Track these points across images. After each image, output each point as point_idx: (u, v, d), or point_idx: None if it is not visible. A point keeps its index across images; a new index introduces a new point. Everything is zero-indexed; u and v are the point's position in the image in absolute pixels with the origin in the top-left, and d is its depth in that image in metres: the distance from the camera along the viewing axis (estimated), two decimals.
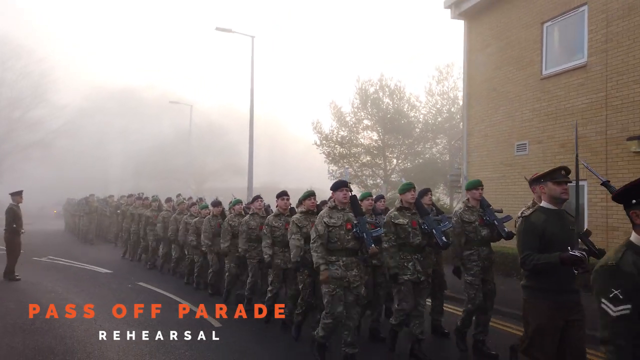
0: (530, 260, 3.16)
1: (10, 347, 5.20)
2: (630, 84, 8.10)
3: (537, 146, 10.08)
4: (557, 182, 3.29)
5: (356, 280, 4.62)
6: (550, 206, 3.34)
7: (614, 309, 1.98)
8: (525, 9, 10.49)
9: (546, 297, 3.21)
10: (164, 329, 5.57)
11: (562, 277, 3.19)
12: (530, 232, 3.26)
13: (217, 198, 8.54)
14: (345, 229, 4.62)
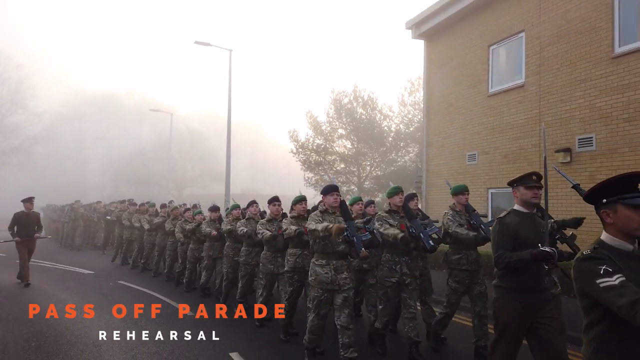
0: (504, 259, 3.31)
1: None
2: (558, 103, 9.23)
3: (484, 156, 11.17)
4: (528, 187, 3.46)
5: (346, 283, 4.62)
6: (522, 209, 3.50)
7: (613, 277, 1.94)
8: (475, 32, 11.62)
9: (516, 296, 3.35)
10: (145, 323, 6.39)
11: (533, 276, 3.33)
12: (505, 232, 3.40)
13: (214, 204, 8.69)
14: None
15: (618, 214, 2.09)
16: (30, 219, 9.48)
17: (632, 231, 2.07)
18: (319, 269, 4.60)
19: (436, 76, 13.16)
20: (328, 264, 4.60)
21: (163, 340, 5.62)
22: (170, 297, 8.12)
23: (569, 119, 8.99)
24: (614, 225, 2.10)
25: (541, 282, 3.36)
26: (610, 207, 2.11)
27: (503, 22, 10.75)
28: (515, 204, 3.56)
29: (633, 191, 2.09)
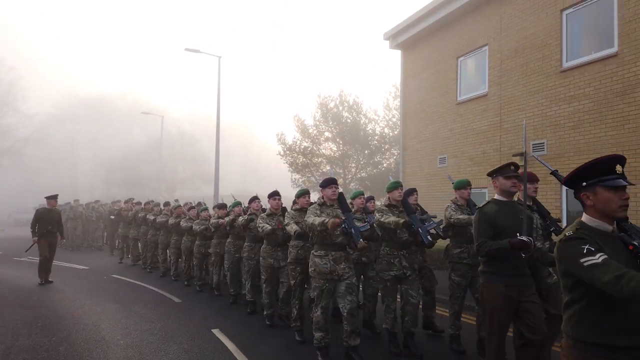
0: (485, 247, 3.47)
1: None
2: (515, 112, 10.14)
3: (454, 159, 12.07)
4: (507, 176, 3.63)
5: (346, 272, 4.67)
6: (502, 198, 3.68)
7: (596, 256, 1.99)
8: (446, 44, 12.52)
9: (501, 280, 3.50)
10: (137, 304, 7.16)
11: (514, 262, 3.47)
12: (484, 221, 3.56)
13: (222, 200, 8.78)
14: None
15: (597, 196, 2.14)
16: (52, 216, 9.53)
17: (612, 212, 2.12)
18: (317, 260, 4.68)
19: (411, 84, 14.05)
20: (327, 255, 4.67)
21: (154, 319, 6.42)
22: (161, 289, 8.89)
23: (531, 125, 9.88)
24: (594, 207, 2.15)
25: (523, 267, 3.53)
26: (590, 190, 2.16)
27: (469, 35, 11.66)
28: (495, 194, 3.74)
29: (611, 173, 2.14)
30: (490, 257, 3.53)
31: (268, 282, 6.20)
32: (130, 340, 5.45)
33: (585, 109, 8.60)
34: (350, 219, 4.66)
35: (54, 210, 9.67)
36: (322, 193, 4.96)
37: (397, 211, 5.06)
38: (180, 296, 8.13)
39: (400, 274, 4.91)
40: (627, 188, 2.18)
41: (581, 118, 8.68)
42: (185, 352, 4.98)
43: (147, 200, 13.17)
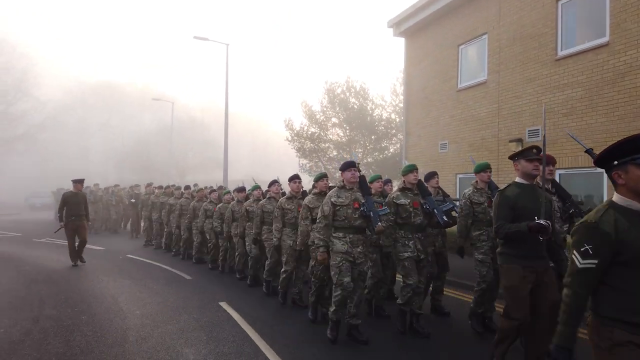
0: (503, 229, 3.53)
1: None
2: (513, 99, 10.46)
3: (454, 145, 12.43)
4: (529, 159, 3.63)
5: (360, 257, 4.76)
6: (523, 181, 3.70)
7: (582, 261, 2.11)
8: (447, 33, 12.79)
9: (518, 262, 3.56)
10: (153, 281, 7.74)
11: (532, 244, 3.53)
12: (504, 204, 3.60)
13: (242, 184, 8.83)
14: (352, 207, 4.75)
15: (629, 174, 2.11)
16: (79, 199, 9.64)
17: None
18: (336, 241, 4.77)
19: (414, 71, 14.35)
20: (345, 237, 4.75)
21: (166, 294, 6.99)
22: (173, 267, 9.46)
23: (521, 113, 10.23)
24: (626, 185, 2.14)
25: (540, 250, 3.58)
26: (622, 168, 2.14)
27: (470, 24, 11.92)
28: (517, 177, 3.75)
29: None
30: (508, 239, 3.59)
31: (288, 263, 6.27)
32: (145, 310, 6.01)
33: (577, 97, 8.91)
34: (370, 202, 4.73)
35: (80, 194, 9.77)
36: (342, 176, 4.94)
37: (412, 194, 5.13)
38: (191, 274, 8.69)
39: (415, 256, 4.99)
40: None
41: (574, 105, 9.00)
42: (194, 321, 5.52)
43: (168, 184, 13.38)
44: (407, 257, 4.97)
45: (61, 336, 4.93)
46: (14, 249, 12.18)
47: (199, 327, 5.27)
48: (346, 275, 4.64)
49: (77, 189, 9.73)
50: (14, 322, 5.47)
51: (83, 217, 9.68)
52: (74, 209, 9.54)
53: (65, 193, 9.80)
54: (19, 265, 9.56)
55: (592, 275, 2.10)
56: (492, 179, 5.48)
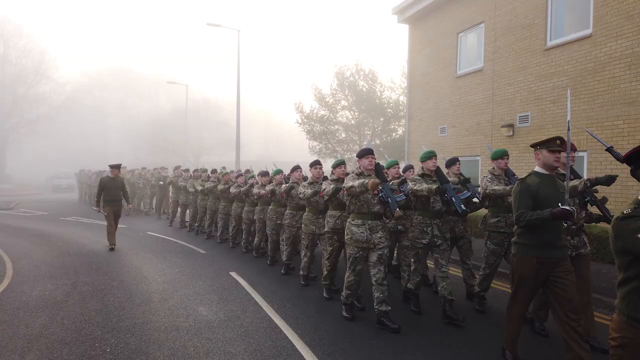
0: (525, 217, 3.43)
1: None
2: (505, 86, 11.05)
3: (452, 130, 13.07)
4: (551, 150, 3.55)
5: (381, 242, 4.79)
6: (543, 171, 3.62)
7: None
8: (447, 20, 13.30)
9: (534, 252, 3.51)
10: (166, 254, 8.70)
11: (550, 234, 3.48)
12: (526, 192, 3.52)
13: (265, 168, 8.96)
14: (371, 193, 4.79)
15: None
16: (116, 184, 9.77)
17: None
18: (355, 229, 4.81)
19: (417, 57, 14.90)
20: (364, 224, 4.79)
21: (183, 265, 7.91)
22: (189, 243, 10.42)
23: (513, 99, 10.83)
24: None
25: (558, 239, 3.54)
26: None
27: (469, 13, 12.42)
28: (537, 166, 3.68)
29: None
30: (529, 227, 3.50)
31: (308, 247, 6.47)
32: (165, 278, 6.96)
33: (563, 85, 9.49)
34: (387, 188, 4.79)
35: (117, 179, 9.87)
36: (359, 163, 4.99)
37: (431, 180, 5.15)
38: (206, 249, 9.64)
39: (432, 242, 5.06)
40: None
41: (559, 93, 9.59)
42: (208, 287, 6.43)
43: (195, 168, 13.65)
44: (422, 246, 5.12)
45: (97, 297, 5.88)
46: (43, 227, 13.27)
47: (211, 291, 6.19)
48: (359, 264, 4.87)
49: (115, 174, 9.85)
50: (55, 286, 6.44)
51: (121, 202, 9.84)
52: (112, 194, 9.68)
53: (102, 178, 9.92)
54: (50, 241, 10.61)
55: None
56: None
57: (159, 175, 16.51)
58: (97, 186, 18.71)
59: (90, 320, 4.96)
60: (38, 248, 9.65)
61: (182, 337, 4.48)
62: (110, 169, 9.96)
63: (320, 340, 4.40)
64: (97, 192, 9.84)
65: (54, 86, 45.44)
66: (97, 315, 5.17)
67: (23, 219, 15.39)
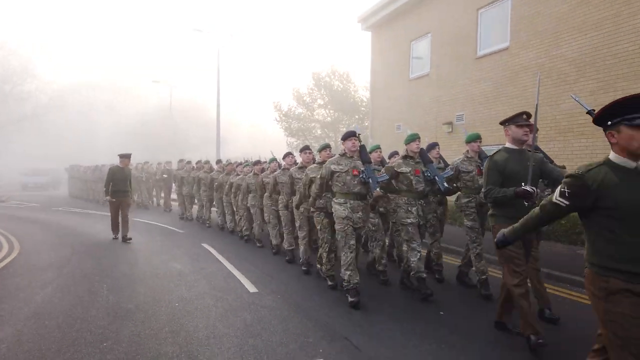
0: (492, 193, 3.66)
1: None
2: (449, 89, 12.72)
3: (405, 126, 14.72)
4: (519, 125, 3.72)
5: (359, 222, 5.03)
6: (513, 146, 3.80)
7: (557, 197, 2.34)
8: (402, 29, 14.95)
9: (508, 222, 3.52)
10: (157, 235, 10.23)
11: (521, 206, 3.61)
12: (494, 169, 3.71)
13: (259, 158, 9.09)
14: (351, 174, 4.97)
15: (621, 134, 2.19)
16: (125, 174, 9.65)
17: (634, 150, 2.18)
18: (337, 206, 5.03)
19: (377, 62, 16.56)
20: (346, 202, 4.99)
21: (165, 240, 9.43)
22: (170, 225, 11.93)
23: (454, 100, 12.51)
24: (618, 144, 2.22)
25: (528, 211, 3.70)
26: (615, 128, 2.21)
27: (419, 23, 14.07)
28: (507, 142, 3.86)
29: (636, 112, 2.16)
30: (496, 203, 3.72)
31: (302, 228, 6.64)
32: (148, 247, 8.51)
33: (489, 89, 11.19)
34: (369, 169, 4.97)
35: (127, 169, 9.74)
36: (343, 145, 5.14)
37: (413, 162, 5.32)
38: (183, 229, 11.17)
39: (416, 222, 5.21)
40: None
41: (486, 96, 11.29)
42: (183, 253, 7.99)
43: (198, 160, 13.74)
44: (410, 223, 5.19)
45: (92, 261, 7.40)
46: (38, 215, 14.64)
47: (184, 255, 7.76)
48: (351, 238, 4.99)
49: (124, 164, 9.68)
50: (57, 254, 7.93)
51: (128, 193, 9.76)
52: (120, 184, 9.55)
53: (112, 167, 9.79)
54: (48, 225, 12.06)
55: (558, 211, 2.39)
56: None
57: (164, 169, 16.63)
58: (94, 181, 19.36)
59: (90, 273, 6.49)
60: (38, 230, 11.09)
61: (159, 280, 6.05)
62: (120, 158, 9.76)
63: (264, 279, 5.98)
64: (106, 181, 9.72)
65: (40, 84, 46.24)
66: (93, 269, 6.71)
67: (18, 210, 16.72)
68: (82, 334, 4.04)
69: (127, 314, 4.61)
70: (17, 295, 5.33)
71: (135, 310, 4.74)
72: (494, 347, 3.80)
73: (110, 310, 4.74)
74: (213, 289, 5.61)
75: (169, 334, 4.05)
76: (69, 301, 5.06)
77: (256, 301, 5.05)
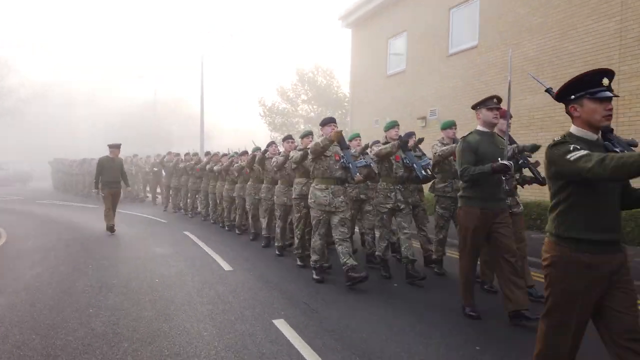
0: (468, 171, 3.70)
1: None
2: (421, 86, 13.28)
3: (383, 122, 15.21)
4: (489, 108, 3.81)
5: (342, 206, 5.14)
6: (484, 129, 3.88)
7: (580, 151, 2.11)
8: (380, 27, 15.47)
9: (477, 204, 3.79)
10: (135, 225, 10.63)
11: (491, 187, 3.75)
12: (467, 149, 3.78)
13: (244, 148, 9.17)
14: (334, 159, 5.12)
15: (584, 107, 2.27)
16: (115, 164, 9.49)
17: (596, 122, 2.26)
18: (318, 193, 5.14)
19: (357, 58, 17.07)
20: (327, 188, 5.11)
21: (149, 229, 9.82)
22: (153, 216, 12.32)
23: (427, 96, 13.07)
24: (580, 118, 2.30)
25: (499, 192, 3.84)
26: (578, 102, 2.30)
27: (396, 21, 14.60)
28: (478, 125, 3.94)
29: (598, 86, 2.25)
30: (472, 181, 3.78)
31: (282, 218, 6.85)
32: (132, 234, 8.94)
33: (459, 86, 11.77)
34: (348, 155, 5.11)
35: (117, 159, 9.60)
36: (322, 131, 5.23)
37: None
38: (166, 218, 11.60)
39: (395, 207, 5.31)
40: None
41: (456, 93, 11.87)
42: (164, 239, 8.42)
43: (186, 152, 14.00)
44: (386, 211, 5.31)
45: (78, 245, 7.80)
46: (24, 207, 14.89)
47: (165, 241, 8.21)
48: (323, 227, 5.24)
49: (114, 154, 9.52)
50: (44, 241, 8.30)
51: (119, 183, 9.62)
52: (111, 174, 9.40)
53: (101, 158, 9.57)
54: (34, 215, 12.38)
55: (588, 157, 2.06)
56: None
57: (154, 161, 16.63)
58: (82, 174, 19.27)
59: (76, 256, 6.90)
60: (25, 220, 11.42)
61: (141, 261, 6.50)
62: (110, 149, 9.56)
63: (239, 260, 6.46)
64: (96, 173, 9.57)
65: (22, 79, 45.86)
66: (79, 253, 7.12)
67: (3, 202, 16.89)
68: (70, 303, 4.48)
69: (111, 287, 5.06)
70: (7, 275, 5.73)
71: (118, 284, 5.19)
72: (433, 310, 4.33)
73: (95, 284, 5.18)
74: (191, 267, 6.08)
75: (148, 302, 4.52)
76: (56, 278, 5.48)
77: (230, 277, 5.55)
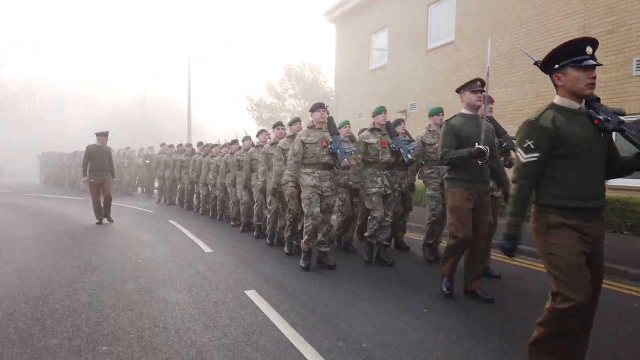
0: (448, 155, 3.83)
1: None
2: (405, 80, 13.67)
3: (367, 115, 15.61)
4: (473, 91, 3.91)
5: (328, 191, 5.19)
6: (468, 112, 3.97)
7: (525, 156, 2.31)
8: (363, 23, 15.83)
9: (463, 185, 3.89)
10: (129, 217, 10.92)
11: (475, 170, 3.85)
12: (450, 132, 3.88)
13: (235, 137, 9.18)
14: (320, 145, 5.13)
15: (567, 76, 2.30)
16: (103, 153, 9.32)
17: (579, 90, 2.30)
18: (305, 176, 5.18)
19: (341, 54, 17.43)
20: (313, 172, 5.16)
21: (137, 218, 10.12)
22: (141, 207, 12.61)
23: (409, 90, 13.46)
24: (564, 86, 2.33)
25: (482, 175, 3.95)
26: (561, 71, 2.32)
27: (378, 17, 14.97)
28: (462, 108, 4.03)
29: (582, 54, 2.26)
30: (452, 165, 3.90)
31: (272, 204, 6.76)
32: (120, 224, 9.23)
33: (439, 80, 12.18)
34: (338, 140, 5.14)
35: (105, 148, 9.43)
36: (312, 117, 5.25)
37: (380, 134, 5.49)
38: (153, 209, 11.90)
39: (382, 191, 5.36)
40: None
41: (436, 86, 12.28)
42: (150, 228, 8.74)
43: (179, 143, 14.05)
44: (374, 192, 5.35)
45: (69, 235, 8.08)
46: (12, 200, 15.08)
47: (151, 230, 8.53)
48: (316, 206, 5.09)
49: (102, 142, 9.33)
50: (34, 231, 8.56)
51: (108, 172, 9.40)
52: (98, 163, 9.20)
53: (89, 146, 9.38)
54: (23, 207, 12.61)
55: (535, 167, 2.33)
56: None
57: (146, 154, 16.58)
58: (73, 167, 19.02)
59: (64, 243, 7.20)
60: (14, 212, 11.64)
61: (128, 248, 6.82)
62: (97, 137, 9.42)
63: (220, 244, 6.80)
64: (84, 161, 9.37)
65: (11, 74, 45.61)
66: (68, 241, 7.42)
67: None
68: (58, 280, 4.81)
69: (96, 267, 5.39)
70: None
71: (104, 265, 5.53)
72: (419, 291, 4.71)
73: (82, 265, 5.51)
74: (173, 250, 6.45)
75: (131, 278, 4.86)
76: (46, 262, 5.79)
77: (209, 258, 5.91)
